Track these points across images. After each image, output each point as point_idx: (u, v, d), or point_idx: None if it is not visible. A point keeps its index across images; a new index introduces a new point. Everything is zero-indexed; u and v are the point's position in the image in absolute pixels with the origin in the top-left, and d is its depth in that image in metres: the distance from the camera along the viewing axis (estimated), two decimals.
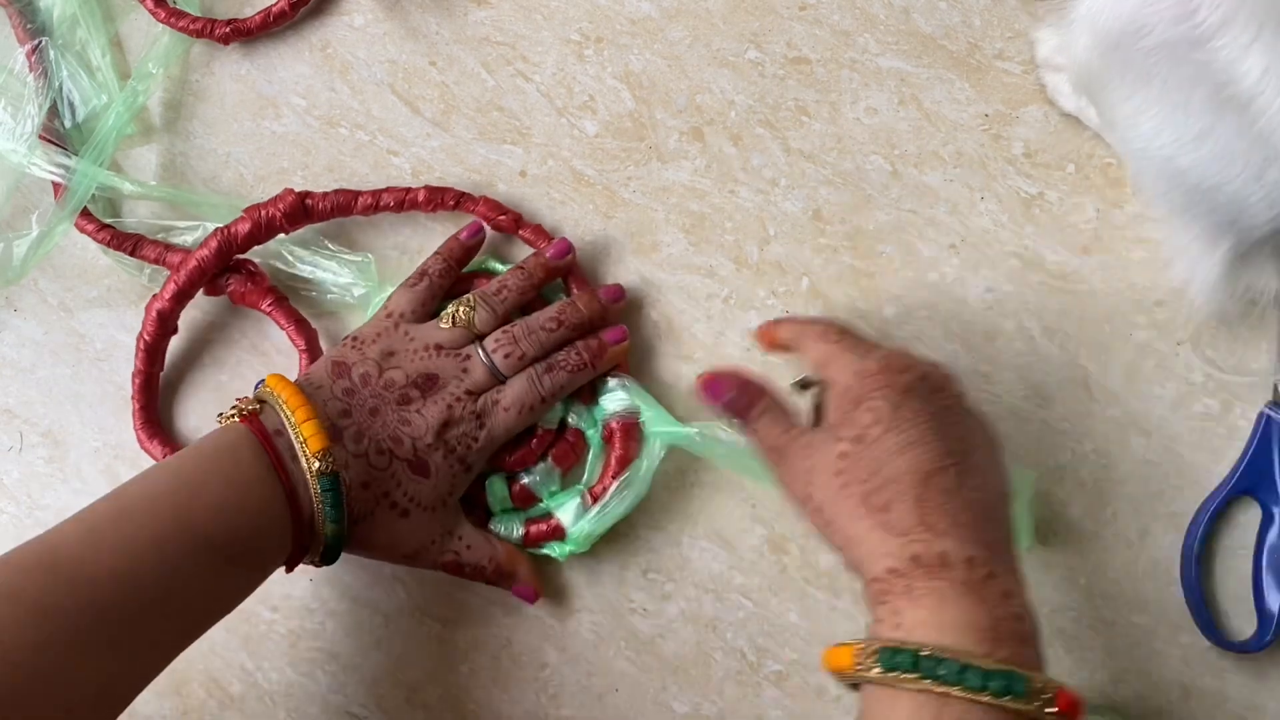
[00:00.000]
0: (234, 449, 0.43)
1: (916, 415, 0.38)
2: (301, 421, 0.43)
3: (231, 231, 0.50)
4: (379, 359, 0.46)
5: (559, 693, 0.51)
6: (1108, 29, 0.42)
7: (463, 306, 0.48)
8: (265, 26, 0.54)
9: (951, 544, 0.36)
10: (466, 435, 0.46)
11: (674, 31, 0.53)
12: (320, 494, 0.43)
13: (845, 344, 0.42)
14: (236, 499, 0.41)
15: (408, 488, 0.45)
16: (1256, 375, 0.50)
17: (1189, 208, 0.45)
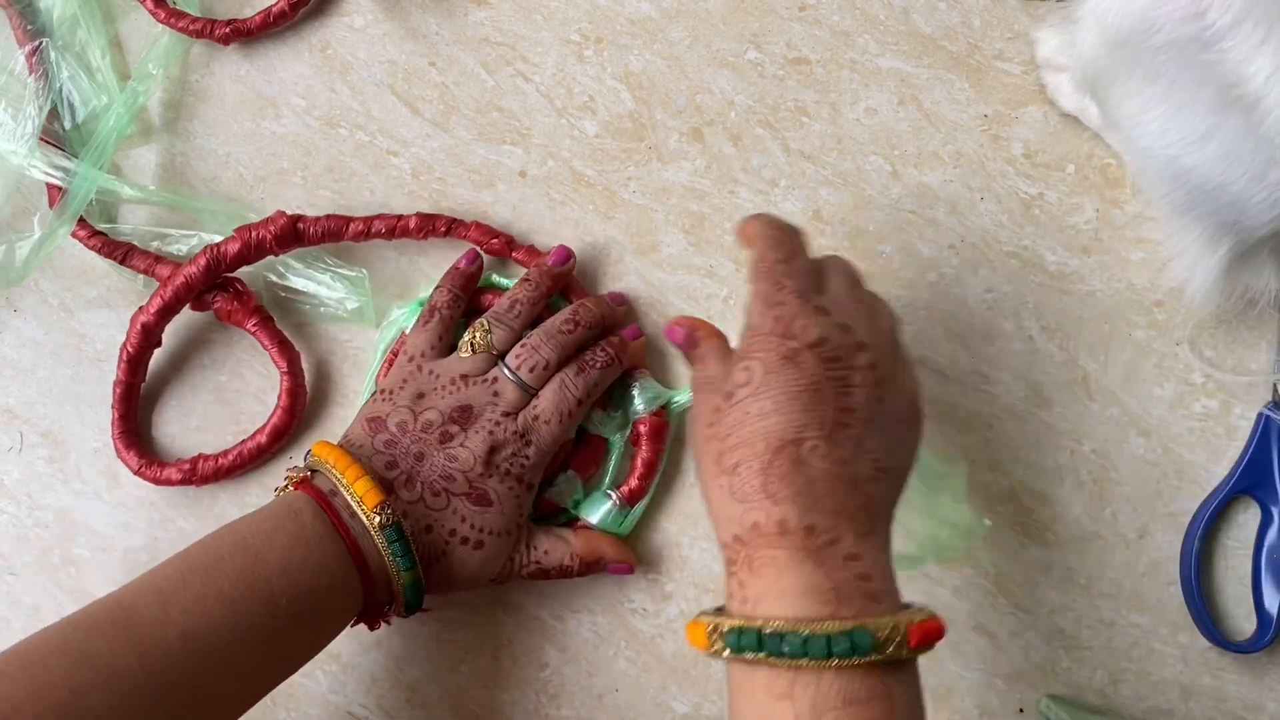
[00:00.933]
0: (295, 511, 0.43)
1: (787, 384, 0.37)
2: (353, 481, 0.44)
3: (221, 250, 0.50)
4: (411, 404, 0.47)
5: (559, 693, 0.51)
6: (1116, 27, 0.42)
7: (478, 332, 0.48)
8: (265, 27, 0.54)
9: (791, 511, 0.36)
10: (516, 456, 0.46)
11: (674, 32, 0.53)
12: (387, 546, 0.43)
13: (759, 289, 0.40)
14: (300, 558, 0.42)
15: (474, 520, 0.46)
16: (1255, 375, 0.50)
17: (1191, 208, 0.45)
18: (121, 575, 0.53)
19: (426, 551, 0.45)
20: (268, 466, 0.53)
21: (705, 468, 0.39)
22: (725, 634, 0.35)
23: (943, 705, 0.50)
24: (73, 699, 0.36)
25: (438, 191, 0.53)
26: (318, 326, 0.53)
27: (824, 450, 0.37)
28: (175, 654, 0.39)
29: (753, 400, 0.38)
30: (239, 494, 0.53)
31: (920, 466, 0.41)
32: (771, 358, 0.38)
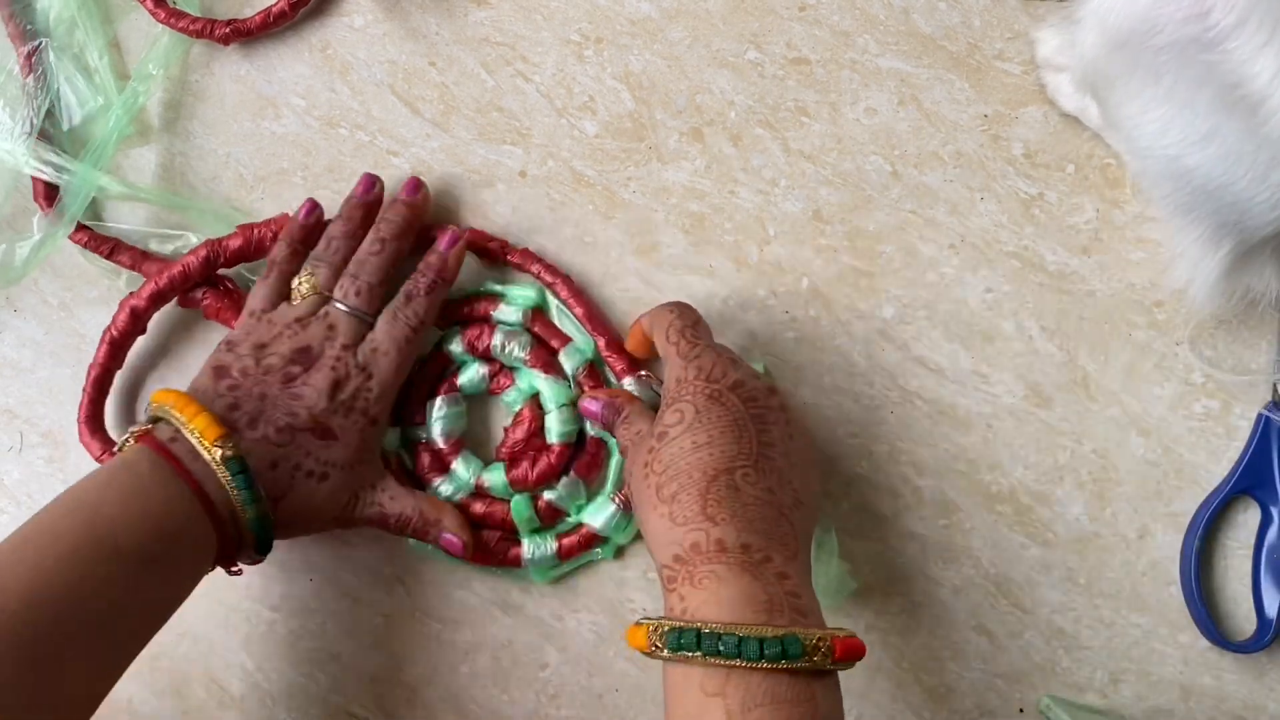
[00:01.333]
0: (129, 464, 0.44)
1: (716, 419, 0.42)
2: (192, 418, 0.44)
3: (222, 245, 0.51)
4: (252, 353, 0.47)
5: (559, 693, 0.51)
6: (1117, 27, 0.42)
7: (303, 277, 0.49)
8: (265, 27, 0.54)
9: (729, 531, 0.39)
10: (360, 390, 0.47)
11: (674, 32, 0.53)
12: (230, 480, 0.43)
13: (678, 347, 0.45)
14: (139, 506, 0.42)
15: (318, 454, 0.46)
16: (1256, 375, 0.50)
17: (1192, 208, 0.45)
18: None
19: (272, 487, 0.45)
20: None
21: (645, 501, 0.42)
22: (666, 634, 0.38)
23: (943, 705, 0.50)
24: None
25: (438, 191, 0.53)
26: None
27: (753, 478, 0.41)
28: (19, 619, 0.38)
29: (687, 436, 0.42)
30: None
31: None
32: (700, 399, 0.42)
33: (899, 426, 0.51)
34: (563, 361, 0.51)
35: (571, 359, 0.51)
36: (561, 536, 0.51)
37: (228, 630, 0.52)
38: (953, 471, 0.51)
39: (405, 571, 0.52)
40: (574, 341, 0.51)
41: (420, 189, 0.51)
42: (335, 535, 0.53)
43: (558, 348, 0.51)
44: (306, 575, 0.52)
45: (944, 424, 0.51)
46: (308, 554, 0.53)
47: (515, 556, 0.50)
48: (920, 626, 0.50)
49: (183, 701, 0.53)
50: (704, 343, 0.45)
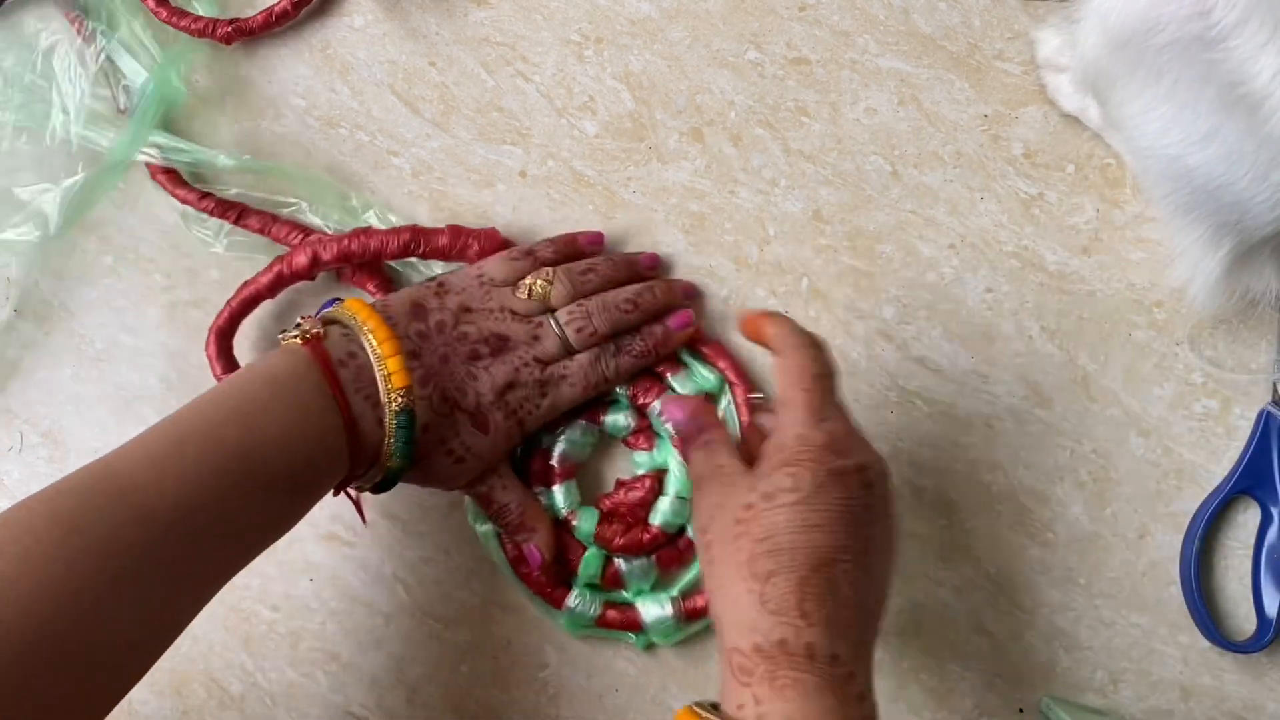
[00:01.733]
0: (296, 376, 0.42)
1: (833, 502, 0.38)
2: (388, 355, 0.43)
3: (427, 236, 0.50)
4: (456, 311, 0.46)
5: (559, 693, 0.51)
6: (1118, 26, 0.42)
7: (540, 279, 0.48)
8: (268, 26, 0.54)
9: (821, 636, 0.36)
10: (528, 400, 0.47)
11: (674, 32, 0.53)
12: (395, 430, 0.43)
13: (810, 398, 0.40)
14: (298, 429, 0.41)
15: (466, 439, 0.45)
16: (1256, 375, 0.50)
17: (1193, 208, 0.45)
18: None
19: (417, 448, 0.44)
20: None
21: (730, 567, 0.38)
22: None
23: (943, 705, 0.50)
24: (67, 572, 0.35)
25: (438, 191, 0.53)
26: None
27: (853, 576, 0.37)
28: (171, 525, 0.37)
29: (799, 509, 0.38)
30: None
31: None
32: (821, 471, 0.38)
33: (899, 426, 0.51)
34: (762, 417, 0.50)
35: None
36: (609, 606, 0.50)
37: (227, 630, 0.52)
38: (953, 471, 0.51)
39: (405, 571, 0.52)
40: None
41: (694, 294, 0.51)
42: (336, 536, 0.53)
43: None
44: (306, 575, 0.52)
45: (944, 424, 0.51)
46: (308, 554, 0.53)
47: (558, 598, 0.49)
48: (920, 626, 0.50)
49: (183, 701, 0.53)
50: (835, 403, 0.41)
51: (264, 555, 0.52)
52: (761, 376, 0.51)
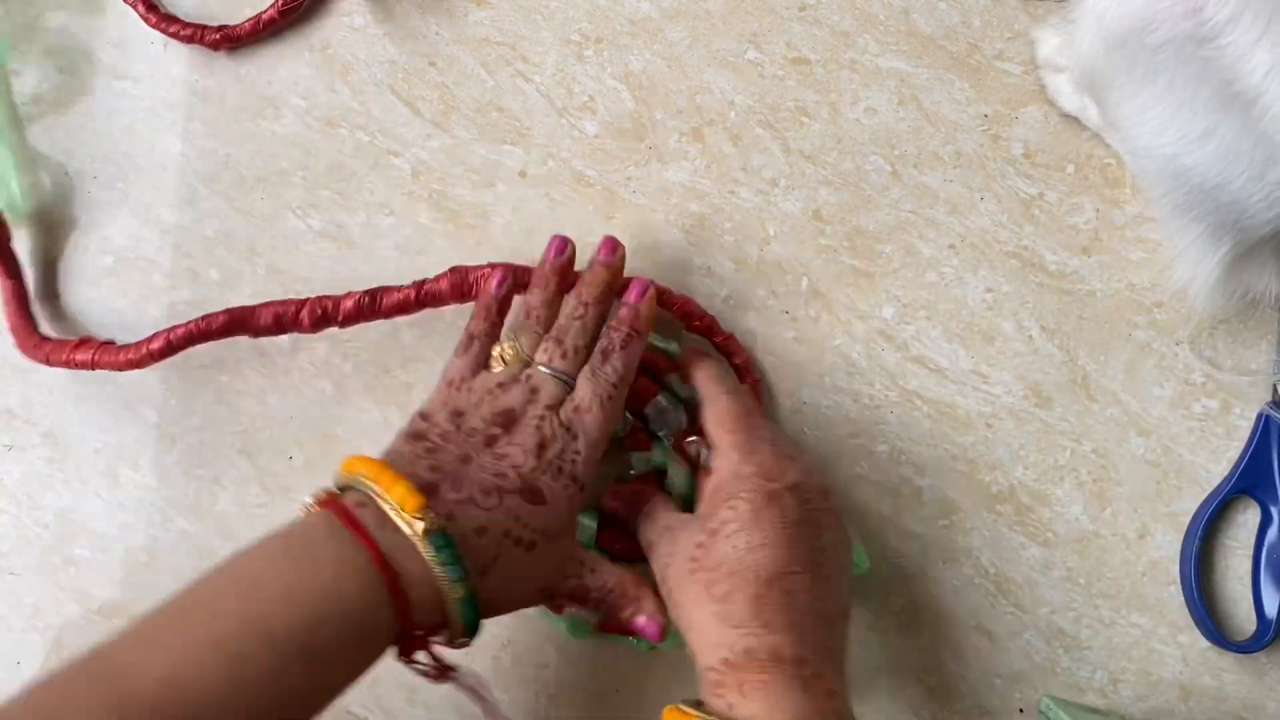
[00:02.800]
0: (306, 529, 0.39)
1: (773, 521, 0.41)
2: (390, 486, 0.40)
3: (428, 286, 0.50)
4: (450, 418, 0.45)
5: (559, 693, 0.51)
6: (1114, 25, 0.42)
7: (505, 345, 0.47)
8: (255, 33, 0.54)
9: (784, 641, 0.38)
10: (565, 450, 0.44)
11: (674, 32, 0.53)
12: (434, 555, 0.39)
13: (736, 439, 0.44)
14: (305, 582, 0.37)
15: (527, 519, 0.42)
16: (1256, 375, 0.50)
17: (1191, 207, 0.45)
18: (121, 575, 0.53)
19: (479, 556, 0.40)
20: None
21: (691, 595, 0.41)
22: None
23: (943, 705, 0.50)
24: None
25: (438, 192, 0.53)
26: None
27: (807, 584, 0.40)
28: (158, 704, 0.34)
29: (742, 535, 0.41)
30: (239, 493, 0.53)
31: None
32: (758, 498, 0.41)
33: (899, 426, 0.51)
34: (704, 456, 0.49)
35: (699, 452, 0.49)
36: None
37: None
38: (953, 471, 0.51)
39: None
40: None
41: (618, 249, 0.49)
42: None
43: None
44: None
45: (944, 424, 0.51)
46: None
47: (559, 604, 0.48)
48: (920, 626, 0.50)
49: None
50: (760, 433, 0.44)
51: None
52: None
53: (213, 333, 0.49)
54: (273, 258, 0.54)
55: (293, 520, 0.40)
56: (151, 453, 0.53)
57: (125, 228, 0.54)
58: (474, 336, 0.48)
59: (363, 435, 0.53)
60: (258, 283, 0.53)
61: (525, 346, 0.47)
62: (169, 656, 0.35)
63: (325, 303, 0.49)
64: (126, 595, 0.53)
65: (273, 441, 0.53)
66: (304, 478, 0.53)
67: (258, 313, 0.49)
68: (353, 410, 0.53)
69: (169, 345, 0.49)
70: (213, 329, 0.49)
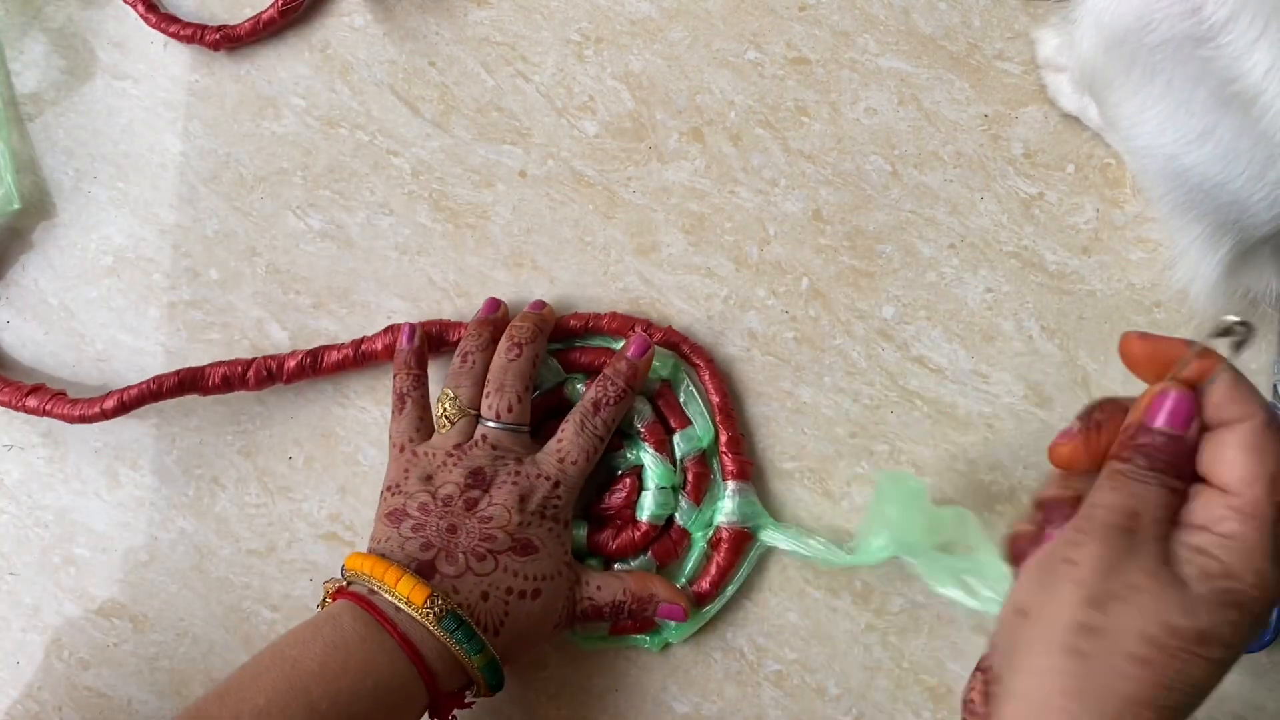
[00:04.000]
0: (333, 616, 0.42)
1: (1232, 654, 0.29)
2: (395, 583, 0.42)
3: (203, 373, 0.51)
4: (423, 486, 0.46)
5: (559, 693, 0.51)
6: (1113, 25, 0.42)
7: (445, 403, 0.48)
8: (255, 34, 0.54)
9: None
10: (548, 499, 0.46)
11: (674, 32, 0.53)
12: (449, 637, 0.42)
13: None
14: (340, 661, 0.40)
15: (525, 571, 0.44)
16: (1255, 375, 0.50)
17: (1191, 207, 0.45)
18: (121, 575, 0.53)
19: (489, 619, 0.43)
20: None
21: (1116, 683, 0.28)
22: None
23: (943, 705, 0.50)
24: None
25: (438, 191, 0.53)
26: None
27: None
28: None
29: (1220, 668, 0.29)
30: (239, 493, 0.53)
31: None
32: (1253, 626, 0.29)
33: (899, 426, 0.51)
34: (676, 444, 0.50)
35: (686, 443, 0.50)
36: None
37: (227, 630, 0.52)
38: (953, 471, 0.51)
39: None
40: (693, 426, 0.50)
41: (545, 306, 0.51)
42: (335, 536, 0.53)
43: (675, 428, 0.50)
44: (306, 575, 0.52)
45: (944, 424, 0.51)
46: (307, 554, 0.53)
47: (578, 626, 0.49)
48: (920, 626, 0.50)
49: (183, 701, 0.53)
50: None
51: (263, 555, 0.52)
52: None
53: (164, 393, 0.50)
54: (273, 258, 0.54)
55: (319, 613, 0.43)
56: (151, 453, 0.53)
57: (125, 228, 0.54)
58: (403, 395, 0.49)
59: (362, 435, 0.53)
60: (257, 283, 0.53)
61: (465, 398, 0.48)
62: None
63: (270, 363, 0.51)
64: (126, 595, 0.53)
65: (273, 441, 0.53)
66: (304, 478, 0.53)
67: (207, 373, 0.51)
68: (353, 410, 0.53)
69: (121, 405, 0.50)
70: (164, 389, 0.50)
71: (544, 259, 0.53)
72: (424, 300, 0.53)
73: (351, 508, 0.52)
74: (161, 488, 0.53)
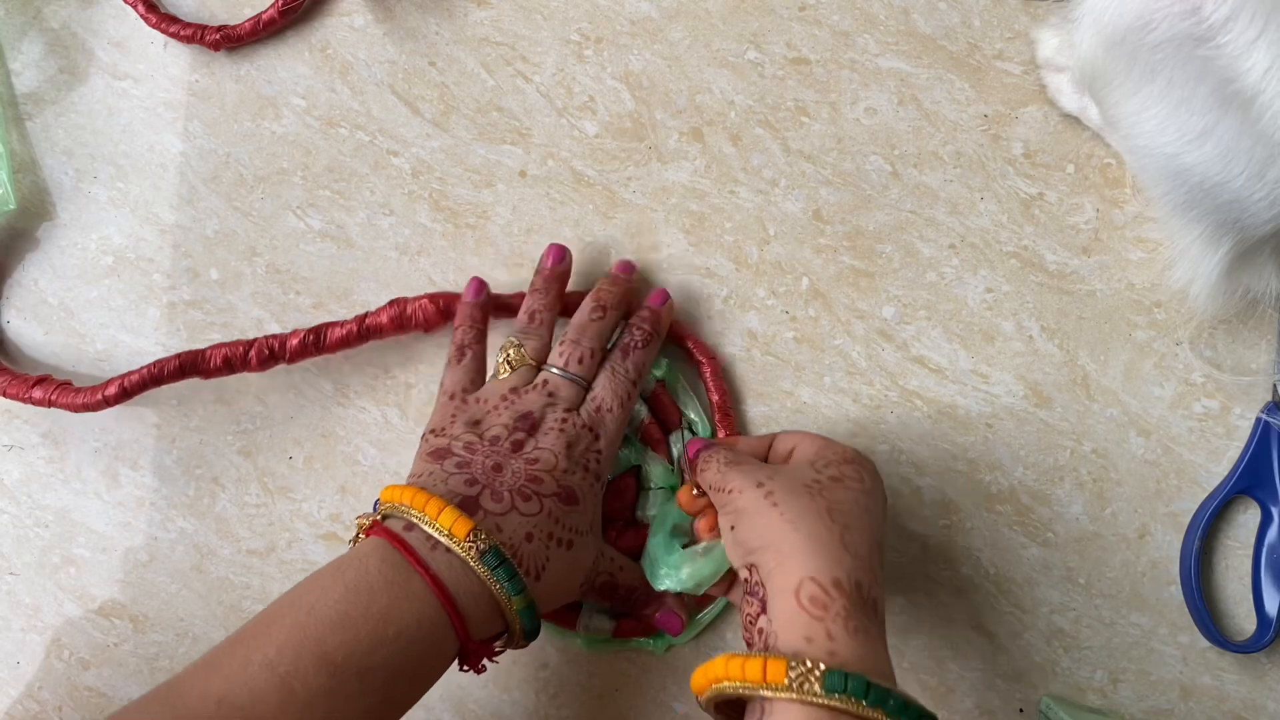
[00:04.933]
0: (360, 558, 0.40)
1: (881, 501, 0.42)
2: (436, 515, 0.40)
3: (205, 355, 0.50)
4: (469, 429, 0.45)
5: (559, 693, 0.51)
6: (1113, 24, 0.42)
7: (509, 351, 0.48)
8: (255, 34, 0.54)
9: (880, 595, 0.39)
10: (589, 449, 0.46)
11: (674, 32, 0.53)
12: (490, 574, 0.40)
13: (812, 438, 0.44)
14: (361, 608, 0.39)
15: (565, 520, 0.43)
16: (1256, 375, 0.50)
17: (1191, 207, 0.45)
18: (121, 575, 0.53)
19: (531, 563, 0.42)
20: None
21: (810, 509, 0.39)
22: (825, 674, 0.34)
23: (942, 705, 0.50)
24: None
25: (438, 191, 0.53)
26: None
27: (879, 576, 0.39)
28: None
29: (864, 496, 0.40)
30: (239, 493, 0.53)
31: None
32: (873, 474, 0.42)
33: (899, 426, 0.51)
34: (673, 444, 0.50)
35: (683, 443, 0.50)
36: (621, 617, 0.50)
37: (228, 630, 0.52)
38: (953, 471, 0.51)
39: None
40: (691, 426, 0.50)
41: (633, 269, 0.51)
42: (335, 535, 0.53)
43: (672, 428, 0.51)
44: (306, 575, 0.52)
45: (944, 424, 0.51)
46: (307, 554, 0.53)
47: (570, 620, 0.50)
48: (920, 626, 0.50)
49: None
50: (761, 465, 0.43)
51: (264, 556, 0.52)
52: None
53: (165, 377, 0.50)
54: (273, 257, 0.54)
55: (346, 552, 0.41)
56: (151, 453, 0.53)
57: (125, 228, 0.54)
58: (464, 347, 0.49)
59: (362, 435, 0.53)
60: (257, 282, 0.54)
61: (530, 351, 0.48)
62: (225, 679, 0.37)
63: (271, 342, 0.51)
64: (126, 595, 0.53)
65: (273, 441, 0.53)
66: (304, 478, 0.53)
67: (208, 355, 0.50)
68: (353, 410, 0.53)
69: (123, 391, 0.50)
70: (166, 373, 0.50)
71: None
72: None
73: (351, 508, 0.52)
74: (161, 488, 0.53)
